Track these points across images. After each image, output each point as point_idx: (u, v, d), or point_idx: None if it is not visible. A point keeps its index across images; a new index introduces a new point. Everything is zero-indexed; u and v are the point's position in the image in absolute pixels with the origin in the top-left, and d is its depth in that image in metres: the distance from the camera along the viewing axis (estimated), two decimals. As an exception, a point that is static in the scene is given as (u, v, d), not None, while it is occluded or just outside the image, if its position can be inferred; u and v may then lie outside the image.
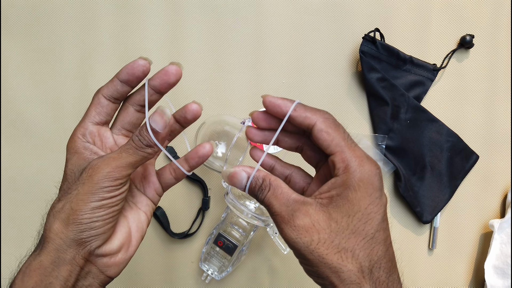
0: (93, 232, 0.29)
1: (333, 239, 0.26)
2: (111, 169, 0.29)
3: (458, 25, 0.62)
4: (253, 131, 0.31)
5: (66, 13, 0.61)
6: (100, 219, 0.29)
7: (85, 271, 0.30)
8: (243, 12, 0.62)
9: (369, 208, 0.26)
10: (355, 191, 0.26)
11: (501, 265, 0.57)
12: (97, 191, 0.28)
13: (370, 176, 0.26)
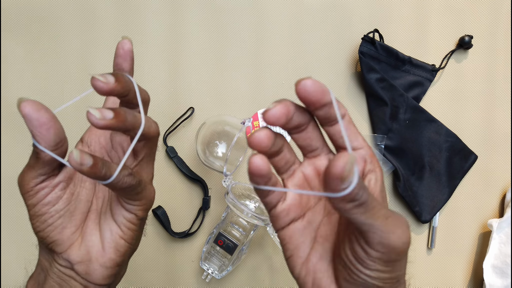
0: (48, 238, 0.29)
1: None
2: (19, 179, 0.28)
3: (456, 26, 0.63)
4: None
5: (66, 13, 0.62)
6: (44, 225, 0.29)
7: (67, 276, 0.30)
8: (243, 13, 0.62)
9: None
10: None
11: (500, 265, 0.57)
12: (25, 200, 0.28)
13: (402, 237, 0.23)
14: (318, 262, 0.26)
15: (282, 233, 0.27)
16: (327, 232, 0.26)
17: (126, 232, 0.30)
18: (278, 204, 0.26)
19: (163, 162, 0.61)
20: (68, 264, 0.30)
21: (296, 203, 0.27)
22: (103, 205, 0.31)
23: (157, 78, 0.61)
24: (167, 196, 0.61)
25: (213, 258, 0.55)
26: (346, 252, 0.24)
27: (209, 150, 0.54)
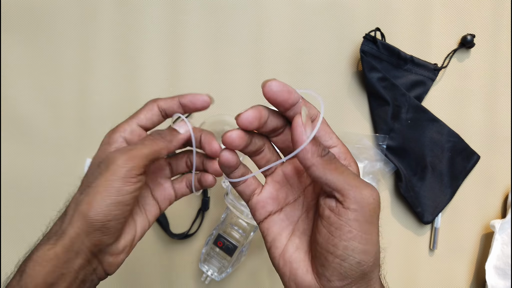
0: (107, 230, 0.29)
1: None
2: (126, 158, 0.29)
3: (459, 25, 0.62)
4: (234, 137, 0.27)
5: (66, 13, 0.61)
6: (114, 217, 0.29)
7: (93, 267, 0.31)
8: (243, 11, 0.62)
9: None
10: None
11: (502, 266, 0.57)
12: (113, 182, 0.29)
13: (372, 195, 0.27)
14: (294, 253, 0.28)
15: (261, 225, 0.29)
16: (305, 227, 0.29)
17: (151, 222, 0.36)
18: (254, 196, 0.29)
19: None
20: (106, 256, 0.32)
21: (272, 197, 0.29)
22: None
23: (157, 77, 0.61)
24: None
25: (212, 259, 0.55)
26: (320, 229, 0.25)
27: None
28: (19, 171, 0.60)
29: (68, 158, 0.60)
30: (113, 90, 0.61)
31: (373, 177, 0.60)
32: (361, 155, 0.60)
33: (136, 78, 0.61)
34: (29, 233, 0.59)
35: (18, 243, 0.60)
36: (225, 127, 0.54)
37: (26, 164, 0.60)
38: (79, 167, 0.60)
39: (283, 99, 0.24)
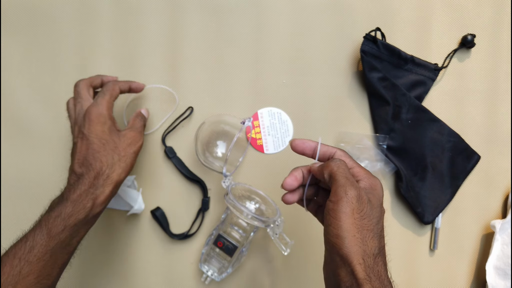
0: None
1: (371, 218, 0.36)
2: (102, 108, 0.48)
3: (459, 25, 0.62)
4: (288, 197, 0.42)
5: (66, 13, 0.61)
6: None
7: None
8: (243, 11, 0.62)
9: (379, 208, 0.38)
10: (378, 192, 0.39)
11: (502, 266, 0.57)
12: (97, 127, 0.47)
13: (380, 187, 0.39)
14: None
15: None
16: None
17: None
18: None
19: (162, 162, 0.60)
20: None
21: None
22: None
23: (157, 77, 0.61)
24: (165, 197, 0.60)
25: (212, 260, 0.55)
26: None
27: (208, 151, 0.53)
28: (19, 170, 0.60)
29: (68, 158, 0.60)
30: (113, 90, 0.61)
31: (374, 177, 0.60)
32: (362, 155, 0.60)
33: (136, 77, 0.61)
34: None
35: (18, 243, 0.60)
36: (224, 127, 0.54)
37: (26, 164, 0.60)
38: (79, 167, 0.60)
39: (302, 149, 0.41)
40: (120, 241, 0.60)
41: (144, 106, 0.61)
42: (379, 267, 0.34)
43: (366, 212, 0.35)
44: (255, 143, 0.61)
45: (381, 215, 0.37)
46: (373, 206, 0.36)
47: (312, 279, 0.59)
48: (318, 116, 0.61)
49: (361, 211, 0.35)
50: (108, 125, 0.47)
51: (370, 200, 0.36)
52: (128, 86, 0.53)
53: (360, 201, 0.35)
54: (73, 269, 0.60)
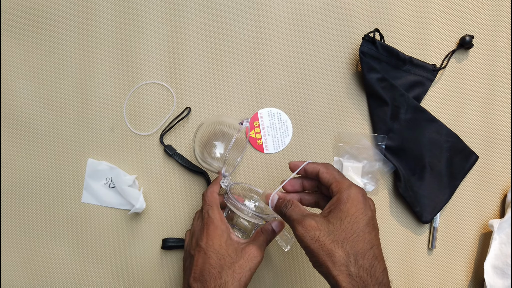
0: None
1: (329, 234, 0.39)
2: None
3: (457, 26, 0.62)
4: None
5: (66, 13, 0.61)
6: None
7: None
8: (243, 12, 0.62)
9: (355, 214, 0.39)
10: (345, 203, 0.40)
11: (500, 265, 0.57)
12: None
13: (356, 194, 0.40)
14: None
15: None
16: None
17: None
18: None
19: (162, 162, 0.60)
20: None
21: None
22: None
23: (157, 78, 0.61)
24: (166, 196, 0.60)
25: None
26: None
27: (207, 151, 0.54)
28: (19, 171, 0.60)
29: (69, 158, 0.60)
30: (113, 90, 0.61)
31: (372, 177, 0.60)
32: (360, 155, 0.60)
33: (135, 77, 0.61)
34: (29, 233, 0.60)
35: (18, 243, 0.60)
36: (223, 128, 0.54)
37: (26, 164, 0.60)
38: (80, 167, 0.60)
39: (293, 169, 0.47)
40: (121, 240, 0.60)
41: (143, 105, 0.61)
42: (362, 272, 0.37)
43: (330, 229, 0.39)
44: (255, 143, 0.61)
45: (356, 221, 0.39)
46: (341, 218, 0.39)
47: (313, 275, 0.60)
48: (317, 116, 0.61)
49: (327, 232, 0.39)
50: (225, 238, 0.46)
51: (335, 215, 0.39)
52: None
53: (318, 227, 0.39)
54: (73, 269, 0.60)
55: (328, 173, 0.44)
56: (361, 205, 0.40)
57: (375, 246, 0.39)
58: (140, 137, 0.61)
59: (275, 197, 0.45)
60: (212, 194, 0.50)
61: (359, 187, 0.41)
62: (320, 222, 0.39)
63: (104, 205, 0.60)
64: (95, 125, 0.60)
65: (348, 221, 0.39)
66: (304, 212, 0.42)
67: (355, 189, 0.41)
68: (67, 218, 0.60)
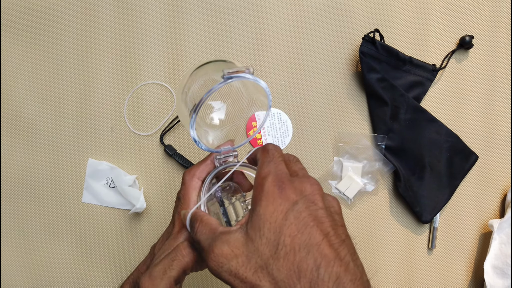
0: None
1: (250, 259, 0.26)
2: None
3: (457, 26, 0.62)
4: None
5: (66, 13, 0.61)
6: None
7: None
8: (243, 12, 0.62)
9: (274, 215, 0.26)
10: (259, 204, 0.27)
11: (500, 265, 0.57)
12: None
13: (263, 183, 0.27)
14: None
15: None
16: None
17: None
18: None
19: (162, 161, 0.60)
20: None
21: None
22: None
23: (158, 77, 0.61)
24: (166, 197, 0.60)
25: None
26: None
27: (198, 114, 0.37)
28: (20, 171, 0.60)
29: (69, 158, 0.60)
30: (114, 90, 0.61)
31: (372, 177, 0.60)
32: (360, 155, 0.60)
33: (137, 78, 0.61)
34: (29, 233, 0.60)
35: (18, 243, 0.60)
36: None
37: (27, 164, 0.60)
38: (80, 167, 0.60)
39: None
40: (121, 240, 0.60)
41: (144, 106, 0.61)
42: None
43: (250, 250, 0.26)
44: (255, 143, 0.61)
45: (278, 224, 0.26)
46: (259, 226, 0.26)
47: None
48: (317, 117, 0.61)
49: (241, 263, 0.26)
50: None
51: (253, 224, 0.27)
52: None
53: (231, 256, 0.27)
54: (73, 269, 0.60)
55: (249, 159, 0.34)
56: (278, 200, 0.26)
57: (317, 246, 0.25)
58: (140, 137, 0.61)
59: (187, 216, 0.32)
60: (190, 178, 0.36)
61: (277, 171, 0.28)
62: (235, 244, 0.27)
63: (105, 205, 0.60)
64: (95, 125, 0.61)
65: (268, 228, 0.26)
66: (216, 231, 0.29)
67: (261, 173, 0.28)
68: (67, 218, 0.60)
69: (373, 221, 0.61)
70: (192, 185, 0.35)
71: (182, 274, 0.31)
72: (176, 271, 0.30)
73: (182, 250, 0.31)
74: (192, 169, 0.36)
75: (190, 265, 0.31)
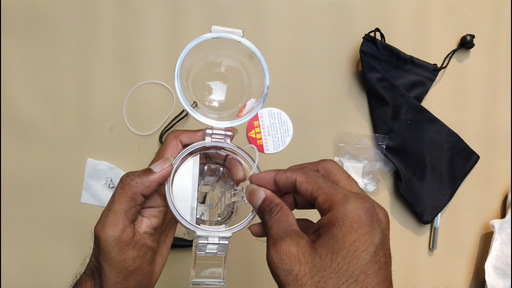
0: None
1: (313, 275, 0.25)
2: (110, 236, 0.32)
3: (458, 25, 0.62)
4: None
5: (66, 13, 0.61)
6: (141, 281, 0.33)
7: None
8: (243, 12, 0.62)
9: (355, 244, 0.25)
10: (339, 227, 0.25)
11: (501, 266, 0.57)
12: (114, 267, 0.32)
13: (355, 210, 0.25)
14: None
15: None
16: None
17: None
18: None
19: (163, 162, 0.60)
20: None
21: None
22: None
23: (156, 77, 0.61)
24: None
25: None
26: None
27: (197, 95, 0.37)
28: (19, 171, 0.60)
29: (69, 158, 0.60)
30: (113, 90, 0.61)
31: (373, 177, 0.60)
32: (361, 155, 0.60)
33: (136, 78, 0.61)
34: (29, 233, 0.60)
35: (18, 243, 0.60)
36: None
37: (26, 164, 0.60)
38: (80, 167, 0.60)
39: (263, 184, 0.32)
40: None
41: (143, 105, 0.61)
42: None
43: (316, 266, 0.25)
44: (255, 143, 0.61)
45: (356, 255, 0.25)
46: (334, 250, 0.25)
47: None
48: (318, 116, 0.61)
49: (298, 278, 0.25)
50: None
51: (325, 243, 0.26)
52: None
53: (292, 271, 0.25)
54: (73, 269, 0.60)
55: (308, 182, 0.29)
56: (364, 228, 0.25)
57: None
58: (139, 137, 0.61)
59: (261, 195, 0.31)
60: (173, 138, 0.35)
61: (361, 197, 0.26)
62: (303, 250, 0.26)
63: (104, 205, 0.60)
64: (94, 125, 0.60)
65: (344, 255, 0.25)
66: (289, 227, 0.28)
67: (355, 202, 0.26)
68: (66, 218, 0.60)
69: (373, 221, 0.60)
70: (172, 145, 0.35)
71: (134, 207, 0.32)
72: (121, 204, 0.31)
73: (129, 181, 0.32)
74: (178, 131, 0.36)
75: (139, 196, 0.32)
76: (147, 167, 0.33)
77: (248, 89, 0.37)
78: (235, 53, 0.36)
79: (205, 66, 0.36)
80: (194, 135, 0.35)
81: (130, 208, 0.31)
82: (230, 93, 0.37)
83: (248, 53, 0.34)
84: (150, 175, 0.32)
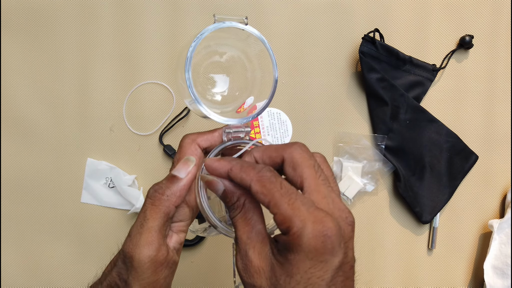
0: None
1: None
2: (145, 257, 0.30)
3: (457, 26, 0.62)
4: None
5: (66, 13, 0.61)
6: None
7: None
8: (243, 12, 0.62)
9: (309, 271, 0.23)
10: (294, 254, 0.23)
11: (500, 265, 0.57)
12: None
13: (311, 240, 0.23)
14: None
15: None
16: None
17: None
18: None
19: (161, 161, 0.60)
20: None
21: None
22: None
23: (156, 77, 0.61)
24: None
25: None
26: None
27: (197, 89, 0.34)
28: (19, 171, 0.60)
29: (69, 158, 0.60)
30: (113, 90, 0.61)
31: (372, 177, 0.60)
32: (360, 155, 0.60)
33: (136, 78, 0.61)
34: (29, 233, 0.60)
35: (18, 243, 0.60)
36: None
37: (26, 164, 0.60)
38: (80, 167, 0.60)
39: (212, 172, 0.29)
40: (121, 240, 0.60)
41: (143, 105, 0.61)
42: None
43: (274, 284, 0.24)
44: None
45: (311, 282, 0.23)
46: (289, 273, 0.24)
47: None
48: (317, 117, 0.61)
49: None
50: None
51: (283, 265, 0.24)
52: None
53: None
54: (73, 269, 0.60)
55: (264, 194, 0.25)
56: (321, 257, 0.23)
57: None
58: (139, 137, 0.61)
59: (219, 186, 0.27)
60: (190, 142, 0.32)
61: (320, 220, 0.23)
62: (266, 263, 0.25)
63: (104, 205, 0.60)
64: (94, 125, 0.60)
65: (298, 280, 0.23)
66: (253, 229, 0.26)
67: (312, 229, 0.23)
68: (66, 218, 0.60)
69: (373, 221, 0.61)
70: (191, 150, 0.31)
71: (167, 222, 0.30)
72: (155, 220, 0.29)
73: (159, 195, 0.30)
74: (193, 134, 0.32)
75: (172, 209, 0.30)
76: (169, 174, 0.31)
77: (252, 81, 0.34)
78: (237, 42, 0.32)
79: (206, 57, 0.33)
80: (211, 136, 0.32)
81: (164, 224, 0.29)
82: (233, 86, 0.34)
83: (259, 49, 0.31)
84: (177, 183, 0.30)
